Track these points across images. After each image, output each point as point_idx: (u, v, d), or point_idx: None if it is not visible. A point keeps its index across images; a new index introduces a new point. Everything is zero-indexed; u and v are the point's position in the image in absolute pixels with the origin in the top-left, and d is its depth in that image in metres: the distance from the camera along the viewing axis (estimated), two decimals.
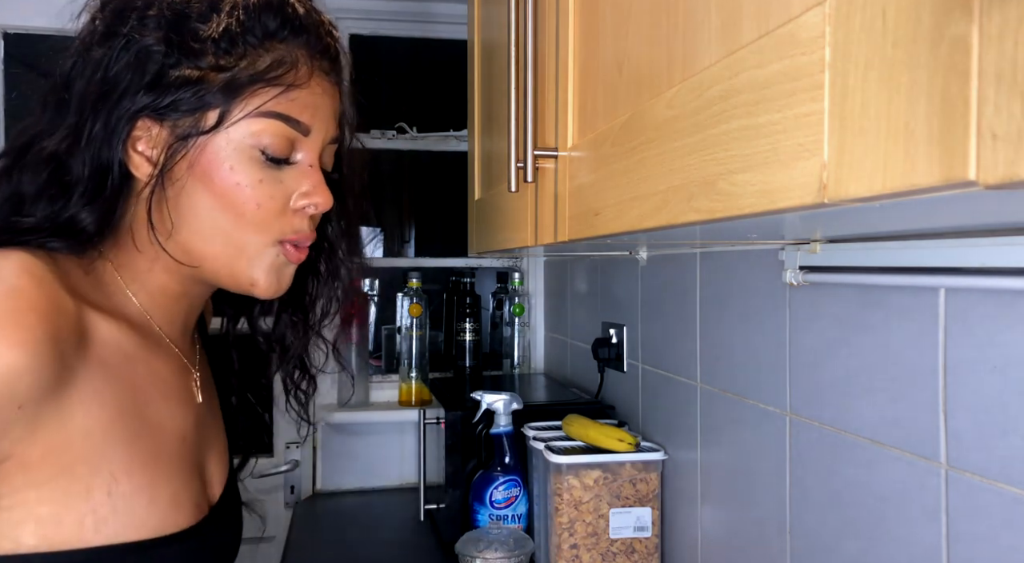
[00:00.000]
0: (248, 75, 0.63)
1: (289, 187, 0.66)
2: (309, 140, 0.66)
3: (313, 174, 0.67)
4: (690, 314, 1.08)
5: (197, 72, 0.62)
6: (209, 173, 0.63)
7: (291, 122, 0.65)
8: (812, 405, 0.81)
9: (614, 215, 0.53)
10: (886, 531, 0.70)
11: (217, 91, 0.62)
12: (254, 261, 0.66)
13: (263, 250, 0.66)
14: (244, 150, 0.63)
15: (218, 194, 0.63)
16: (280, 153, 0.65)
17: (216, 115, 0.62)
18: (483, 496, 1.30)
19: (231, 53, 0.63)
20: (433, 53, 1.98)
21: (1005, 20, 0.22)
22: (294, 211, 0.67)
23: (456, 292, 1.91)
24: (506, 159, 0.72)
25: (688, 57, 0.44)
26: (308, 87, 0.66)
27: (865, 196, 0.28)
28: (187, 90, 0.62)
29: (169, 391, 0.69)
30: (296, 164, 0.67)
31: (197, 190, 0.63)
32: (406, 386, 1.82)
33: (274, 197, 0.65)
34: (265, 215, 0.65)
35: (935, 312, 0.64)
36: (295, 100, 0.65)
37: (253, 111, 0.63)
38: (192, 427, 0.71)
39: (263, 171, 0.64)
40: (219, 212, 0.64)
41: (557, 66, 0.68)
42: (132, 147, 0.64)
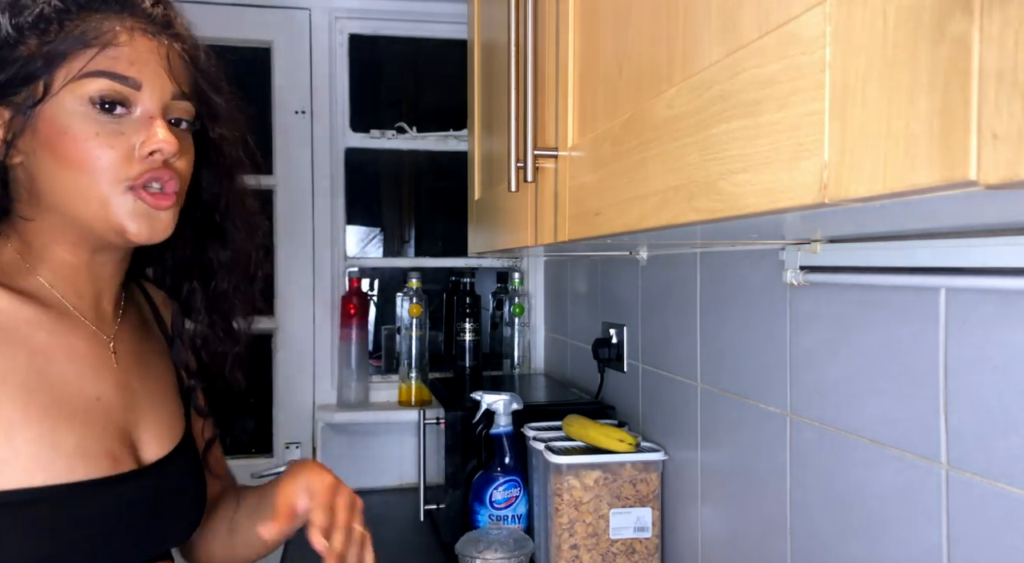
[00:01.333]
0: (65, 43, 0.69)
1: (131, 138, 0.71)
2: (143, 93, 0.71)
3: (153, 123, 0.71)
4: (690, 314, 1.08)
5: (24, 51, 0.69)
6: (51, 139, 0.69)
7: (115, 77, 0.70)
8: (812, 405, 0.81)
9: (614, 215, 0.53)
10: (886, 531, 0.70)
11: (40, 63, 0.69)
12: (116, 210, 0.71)
13: (118, 198, 0.71)
14: (75, 111, 0.69)
15: (62, 156, 0.69)
16: (110, 102, 0.70)
17: (42, 84, 0.69)
18: (483, 496, 1.30)
19: (48, 31, 0.69)
20: (433, 53, 1.98)
21: (1005, 20, 0.22)
22: (141, 159, 0.71)
23: (456, 292, 1.90)
24: (506, 159, 0.72)
25: (688, 57, 0.43)
26: (129, 45, 0.71)
27: (865, 196, 0.28)
28: (12, 69, 0.69)
29: (77, 355, 0.74)
30: (136, 116, 0.71)
31: (46, 157, 0.70)
32: (406, 386, 1.82)
33: (113, 147, 0.70)
34: (109, 164, 0.70)
35: (935, 312, 0.64)
36: (116, 58, 0.70)
37: (77, 74, 0.69)
38: (112, 390, 0.76)
39: (98, 125, 0.69)
40: (69, 171, 0.69)
41: (557, 66, 0.68)
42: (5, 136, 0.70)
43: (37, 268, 0.74)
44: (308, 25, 1.81)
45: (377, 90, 2.05)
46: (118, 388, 0.77)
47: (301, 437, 1.83)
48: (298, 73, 1.81)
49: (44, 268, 0.75)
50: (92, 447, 0.71)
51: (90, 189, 0.70)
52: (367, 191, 2.06)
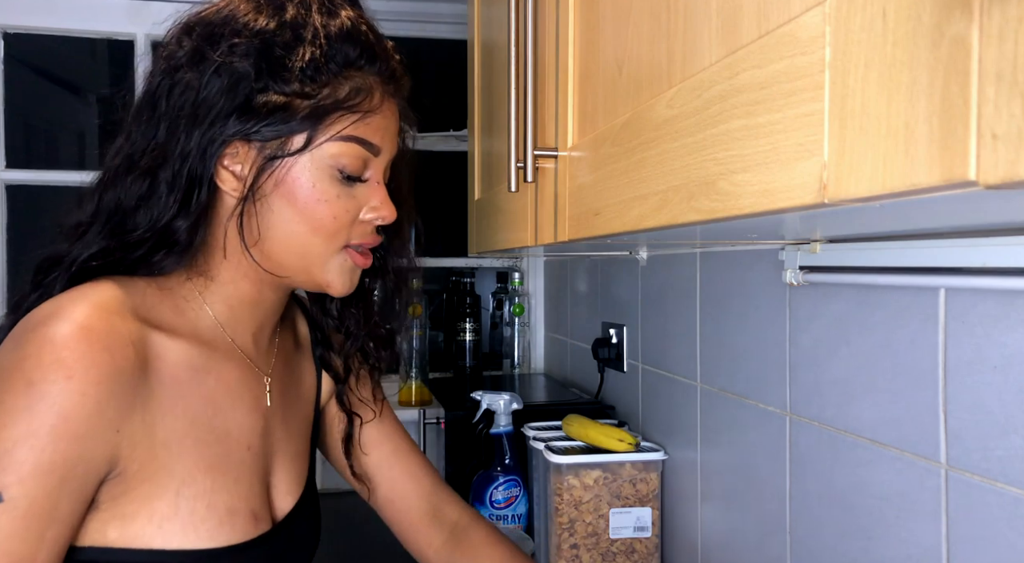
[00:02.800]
0: (331, 102, 0.68)
1: (360, 201, 0.72)
2: (379, 160, 0.73)
3: (380, 190, 0.73)
4: (690, 314, 1.08)
5: (284, 98, 0.67)
6: (293, 190, 0.69)
7: (366, 145, 0.71)
8: (812, 405, 0.81)
9: (614, 215, 0.53)
10: (886, 531, 0.70)
11: (303, 117, 0.67)
12: (326, 266, 0.72)
13: (332, 256, 0.72)
14: (325, 169, 0.69)
15: (300, 208, 0.69)
16: (356, 172, 0.71)
17: (303, 139, 0.68)
18: (483, 496, 1.30)
19: (316, 81, 0.68)
20: (433, 53, 1.98)
21: (1005, 19, 0.22)
22: (361, 222, 0.73)
23: (456, 292, 1.90)
24: (506, 159, 0.72)
25: (688, 57, 0.44)
26: (381, 112, 0.72)
27: (865, 196, 0.28)
28: (276, 116, 0.67)
29: (237, 400, 0.74)
30: (367, 181, 0.73)
31: (281, 204, 0.69)
32: (406, 386, 1.82)
33: (348, 210, 0.71)
34: (339, 227, 0.71)
35: (935, 312, 0.64)
36: (370, 124, 0.71)
37: (335, 135, 0.69)
38: (259, 435, 0.76)
39: (339, 187, 0.70)
40: (299, 224, 0.70)
41: (557, 66, 0.68)
42: (221, 164, 0.69)
43: (210, 301, 0.74)
44: None
45: None
46: (265, 432, 0.77)
47: None
48: None
49: (219, 301, 0.74)
50: (240, 507, 0.70)
51: (313, 245, 0.71)
52: None
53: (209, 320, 0.73)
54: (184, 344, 0.70)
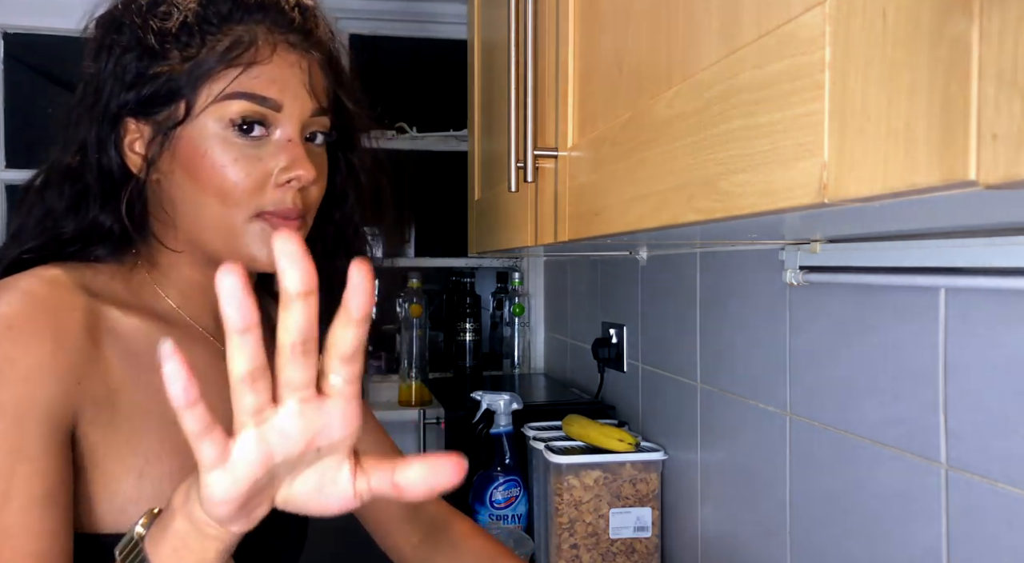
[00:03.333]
0: (206, 62, 0.65)
1: (268, 163, 0.67)
2: (283, 115, 0.67)
3: (292, 148, 0.67)
4: (690, 314, 1.08)
5: (166, 67, 0.65)
6: (189, 160, 0.66)
7: (257, 99, 0.65)
8: (812, 405, 0.81)
9: (614, 215, 0.53)
10: (886, 531, 0.70)
11: (183, 82, 0.65)
12: (244, 238, 0.67)
13: (247, 225, 0.67)
14: (216, 133, 0.65)
15: (199, 179, 0.66)
16: (250, 127, 0.66)
17: (184, 104, 0.65)
18: (483, 496, 1.30)
19: (190, 44, 0.65)
20: (433, 53, 1.98)
21: (1005, 20, 0.22)
22: (276, 186, 0.67)
23: (456, 292, 1.90)
24: (506, 159, 0.72)
25: (688, 57, 0.44)
26: (270, 62, 0.66)
27: (865, 196, 0.28)
28: (155, 85, 0.65)
29: (206, 380, 0.68)
30: (275, 140, 0.67)
31: (183, 179, 0.67)
32: (406, 386, 1.82)
33: (251, 174, 0.66)
34: (244, 192, 0.66)
35: (935, 312, 0.64)
36: (258, 77, 0.66)
37: (219, 95, 0.65)
38: (229, 417, 0.71)
39: (238, 150, 0.66)
40: (203, 196, 0.66)
41: (557, 66, 0.68)
42: (129, 148, 0.68)
43: (165, 289, 0.72)
44: None
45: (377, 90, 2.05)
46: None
47: None
48: None
49: (172, 288, 0.72)
50: None
51: (221, 216, 0.67)
52: None
53: (165, 303, 0.71)
54: (141, 320, 0.67)
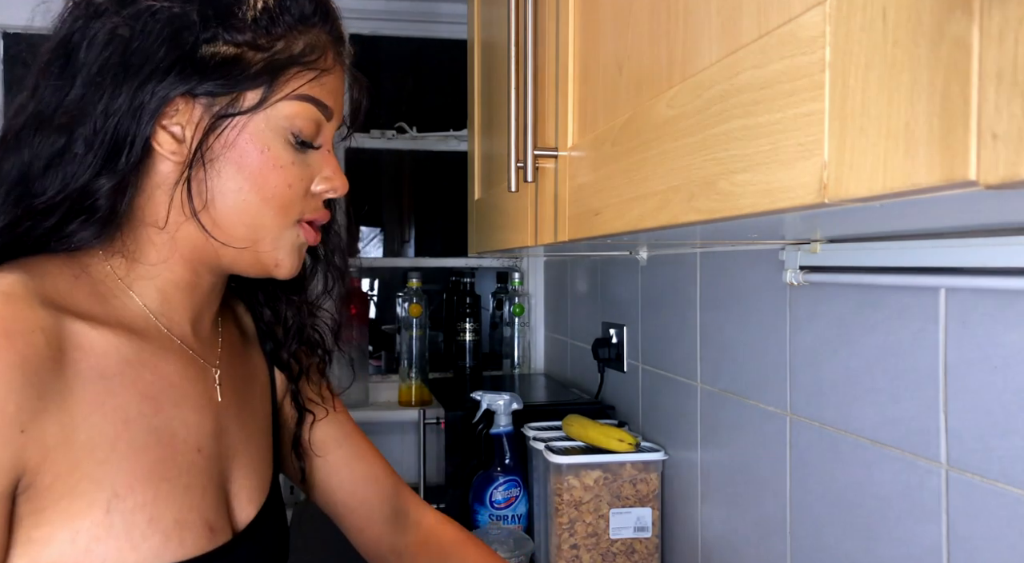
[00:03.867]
0: (286, 57, 0.62)
1: (312, 170, 0.66)
2: (330, 125, 0.67)
3: (331, 159, 0.68)
4: (690, 314, 1.08)
5: (235, 50, 0.60)
6: (245, 153, 0.61)
7: (321, 107, 0.65)
8: (812, 405, 0.81)
9: (614, 215, 0.53)
10: (886, 531, 0.70)
11: (258, 71, 0.60)
12: (278, 242, 0.65)
13: (285, 231, 0.65)
14: (279, 131, 0.62)
15: (252, 175, 0.62)
16: (310, 137, 0.65)
17: (257, 96, 0.61)
18: (483, 496, 1.30)
19: (270, 32, 0.61)
20: (433, 53, 1.98)
21: (1005, 19, 0.22)
22: (312, 195, 0.66)
23: (456, 292, 1.91)
24: (506, 159, 0.72)
25: (688, 57, 0.44)
26: (334, 72, 0.67)
27: (865, 196, 0.28)
28: (226, 69, 0.59)
29: (181, 396, 0.64)
30: (316, 148, 0.66)
31: (231, 170, 0.61)
32: (406, 386, 1.82)
33: (302, 179, 0.65)
34: (293, 197, 0.64)
35: (935, 312, 0.64)
36: (324, 85, 0.65)
37: (291, 93, 0.62)
38: (210, 435, 0.67)
39: (293, 153, 0.64)
40: (250, 193, 0.62)
41: (557, 66, 0.68)
42: (159, 123, 0.60)
43: (141, 290, 0.64)
44: None
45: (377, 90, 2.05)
46: (216, 433, 0.68)
47: None
48: None
49: (148, 287, 0.64)
50: (190, 518, 0.61)
51: (265, 217, 0.63)
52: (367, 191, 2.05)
53: (137, 308, 0.63)
54: (110, 334, 0.59)
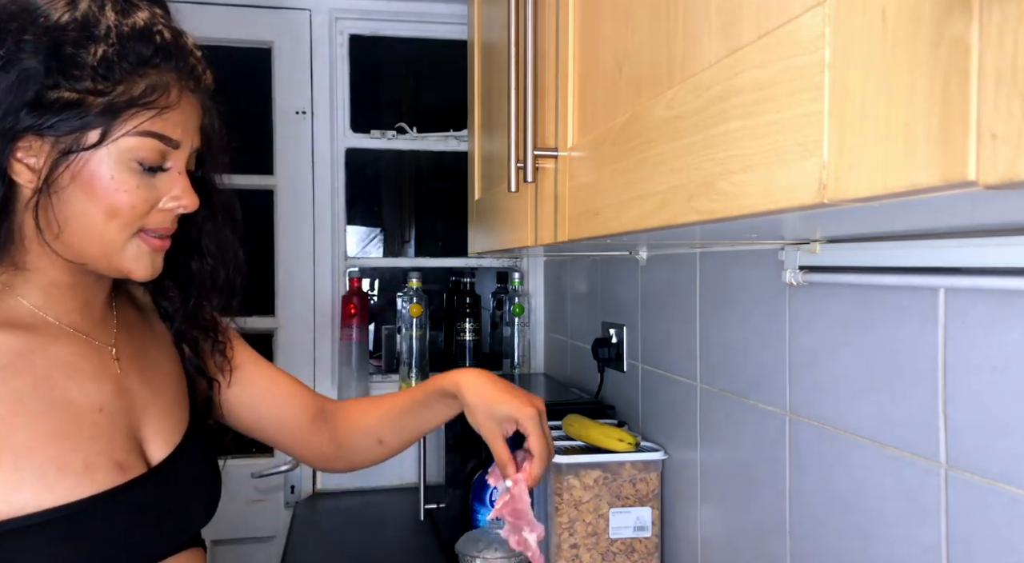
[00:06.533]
0: (126, 100, 0.70)
1: (160, 191, 0.74)
2: (178, 152, 0.75)
3: (181, 180, 0.76)
4: (690, 314, 1.09)
5: (76, 95, 0.69)
6: (91, 182, 0.71)
7: (164, 140, 0.73)
8: (812, 405, 0.81)
9: (614, 215, 0.53)
10: (885, 531, 0.70)
11: (98, 113, 0.69)
12: (124, 252, 0.74)
13: (127, 242, 0.74)
14: (123, 162, 0.71)
15: (97, 199, 0.71)
16: (154, 164, 0.73)
17: (97, 134, 0.70)
18: (483, 496, 1.30)
19: (108, 78, 0.69)
20: (433, 53, 1.98)
21: (1005, 20, 0.22)
22: (160, 210, 0.75)
23: (456, 292, 1.91)
24: (506, 159, 0.72)
25: (688, 57, 0.44)
26: (178, 108, 0.74)
27: (865, 196, 0.28)
28: (69, 112, 0.69)
29: (75, 371, 0.76)
30: (167, 172, 0.75)
31: (78, 196, 0.71)
32: (406, 386, 1.82)
33: (147, 200, 0.73)
34: (136, 215, 0.73)
35: (935, 312, 0.64)
36: (168, 120, 0.73)
37: (131, 130, 0.71)
38: (113, 397, 0.78)
39: (139, 178, 0.72)
40: (96, 214, 0.72)
41: (557, 66, 0.68)
42: (14, 157, 0.70)
43: (25, 292, 0.75)
44: (308, 25, 1.81)
45: (377, 90, 2.06)
46: (119, 393, 0.79)
47: None
48: (298, 73, 1.81)
49: (30, 289, 0.76)
50: (98, 461, 0.72)
51: (108, 232, 0.72)
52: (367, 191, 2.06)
53: (24, 308, 0.75)
54: (0, 336, 0.72)
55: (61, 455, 0.70)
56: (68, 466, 0.70)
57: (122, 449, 0.75)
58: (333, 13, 1.83)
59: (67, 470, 0.70)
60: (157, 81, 0.72)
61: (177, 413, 0.85)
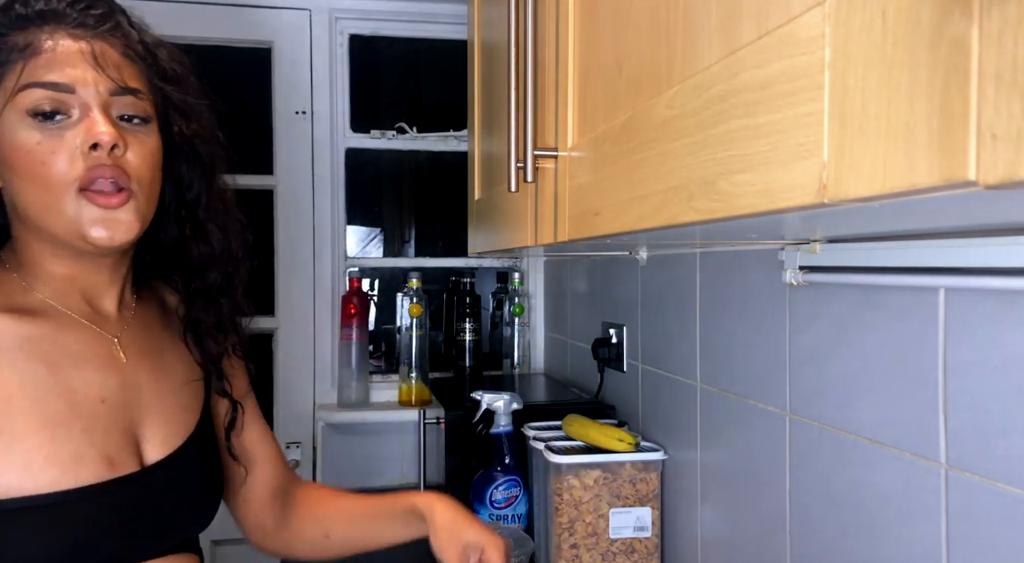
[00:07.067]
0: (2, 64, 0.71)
1: (72, 140, 0.71)
2: (77, 95, 0.71)
3: (89, 121, 0.72)
4: (690, 314, 1.08)
5: None
6: (7, 156, 0.72)
7: (44, 85, 0.70)
8: (812, 405, 0.81)
9: (614, 215, 0.53)
10: (886, 531, 0.70)
11: None
12: (72, 217, 0.72)
13: (71, 203, 0.71)
14: (17, 124, 0.71)
15: (16, 169, 0.71)
16: (47, 110, 0.71)
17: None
18: (483, 496, 1.30)
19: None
20: (433, 53, 1.98)
21: (1005, 20, 0.22)
22: (83, 156, 0.71)
23: (456, 292, 1.90)
24: (506, 159, 0.72)
25: (688, 57, 0.44)
26: (54, 51, 0.71)
27: (865, 196, 0.28)
28: None
29: (80, 360, 0.76)
30: (75, 118, 0.72)
31: (11, 176, 0.72)
32: (406, 386, 1.82)
33: (55, 151, 0.71)
34: (56, 171, 0.70)
35: (935, 312, 0.64)
36: (43, 65, 0.71)
37: (11, 91, 0.70)
38: (116, 389, 0.78)
39: (39, 134, 0.71)
40: (26, 184, 0.71)
41: (557, 66, 0.68)
42: None
43: (34, 285, 0.77)
44: (308, 25, 1.81)
45: (377, 90, 2.05)
46: (123, 387, 0.78)
47: (301, 437, 1.83)
48: (298, 73, 1.81)
49: (39, 284, 0.77)
50: (88, 453, 0.72)
51: (46, 198, 0.71)
52: (367, 191, 2.05)
53: (36, 297, 0.77)
54: (9, 319, 0.73)
55: (53, 443, 0.70)
56: (57, 455, 0.70)
57: (116, 444, 0.75)
58: (333, 13, 1.83)
59: (55, 459, 0.70)
60: (23, 38, 0.71)
61: (182, 418, 0.84)
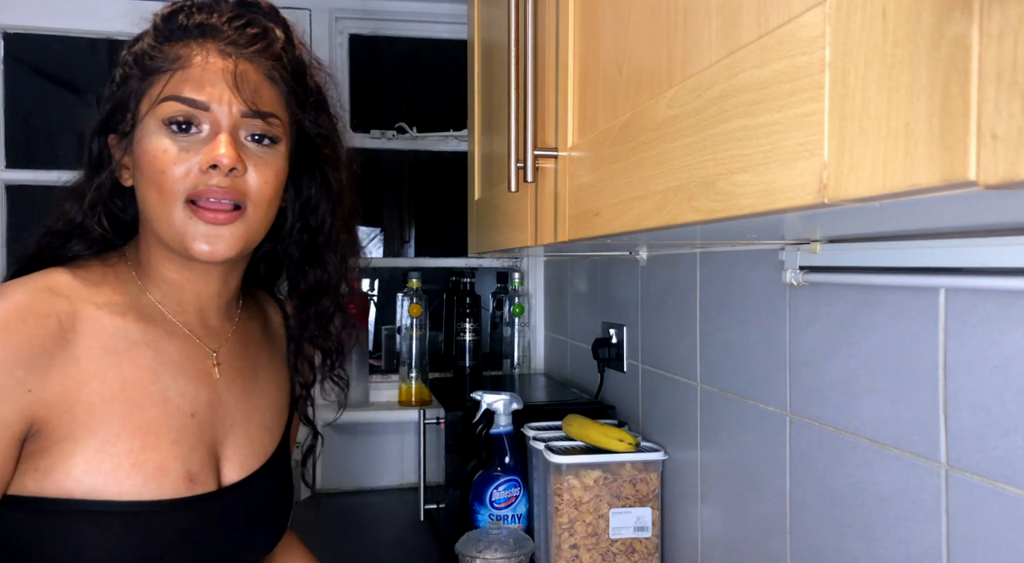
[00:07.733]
0: (143, 75, 0.75)
1: (196, 155, 0.73)
2: (211, 114, 0.74)
3: (215, 140, 0.73)
4: (690, 314, 1.08)
5: (123, 90, 0.76)
6: (139, 159, 0.74)
7: (182, 100, 0.73)
8: (812, 405, 0.81)
9: (614, 215, 0.53)
10: (886, 531, 0.70)
11: (129, 95, 0.76)
12: (177, 226, 0.74)
13: (178, 214, 0.73)
14: (154, 130, 0.73)
15: (143, 172, 0.74)
16: (180, 120, 0.73)
17: (131, 115, 0.75)
18: (483, 496, 1.30)
19: (143, 65, 0.75)
20: (433, 53, 1.98)
21: (1005, 19, 0.22)
22: (201, 172, 0.73)
23: (456, 292, 1.90)
24: (506, 159, 0.72)
25: (688, 57, 0.44)
26: (201, 67, 0.74)
27: (865, 196, 0.28)
28: (113, 102, 0.77)
29: (178, 370, 0.78)
30: (204, 135, 0.74)
31: (138, 178, 0.75)
32: (406, 386, 1.82)
33: (177, 163, 0.73)
34: (173, 179, 0.73)
35: (935, 312, 0.64)
36: (185, 81, 0.73)
37: (156, 100, 0.74)
38: (206, 404, 0.79)
39: (169, 142, 0.73)
40: (148, 188, 0.74)
41: (557, 66, 0.68)
42: (117, 159, 0.77)
43: (148, 286, 0.79)
44: (308, 25, 1.81)
45: (377, 90, 2.05)
46: (212, 403, 0.80)
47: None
48: None
49: (153, 286, 0.79)
50: (172, 467, 0.73)
51: (160, 204, 0.73)
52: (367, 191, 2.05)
53: (148, 301, 0.79)
54: (121, 319, 0.75)
55: (142, 451, 0.72)
56: (144, 464, 0.71)
57: (199, 460, 0.76)
58: (333, 13, 1.83)
59: (141, 468, 0.71)
60: (177, 51, 0.74)
61: (263, 440, 0.85)
